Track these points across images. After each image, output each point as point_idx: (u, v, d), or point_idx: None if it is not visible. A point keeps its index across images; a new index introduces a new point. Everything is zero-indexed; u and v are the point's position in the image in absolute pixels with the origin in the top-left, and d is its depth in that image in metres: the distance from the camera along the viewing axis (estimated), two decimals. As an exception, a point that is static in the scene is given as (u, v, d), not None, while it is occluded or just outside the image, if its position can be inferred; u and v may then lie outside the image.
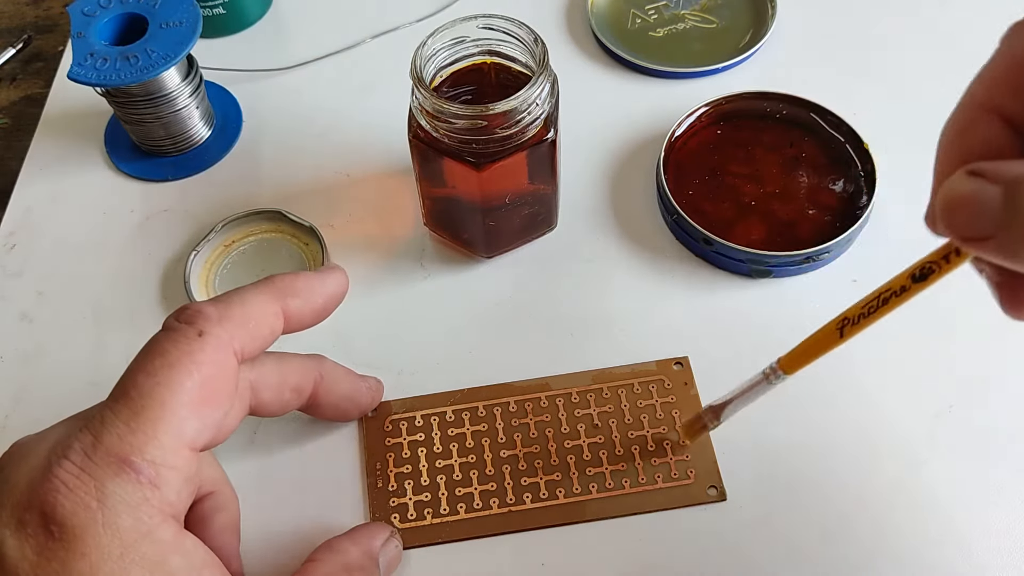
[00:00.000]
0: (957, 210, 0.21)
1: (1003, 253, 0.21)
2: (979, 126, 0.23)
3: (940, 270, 0.24)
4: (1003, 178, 0.20)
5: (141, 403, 0.26)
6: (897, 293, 0.25)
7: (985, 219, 0.21)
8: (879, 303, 0.25)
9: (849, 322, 0.26)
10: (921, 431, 0.37)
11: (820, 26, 0.51)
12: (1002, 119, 0.22)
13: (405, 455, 0.37)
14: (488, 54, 0.38)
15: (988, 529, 0.34)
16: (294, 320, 0.30)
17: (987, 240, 0.21)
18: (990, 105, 0.22)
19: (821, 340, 0.28)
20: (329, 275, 0.32)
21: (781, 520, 0.35)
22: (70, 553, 0.24)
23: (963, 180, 0.21)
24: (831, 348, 0.28)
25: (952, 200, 0.21)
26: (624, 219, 0.44)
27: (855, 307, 0.26)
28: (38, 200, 0.46)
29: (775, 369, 0.30)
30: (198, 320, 0.28)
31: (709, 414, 0.33)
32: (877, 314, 0.26)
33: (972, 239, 0.21)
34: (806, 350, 0.29)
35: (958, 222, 0.21)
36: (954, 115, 0.23)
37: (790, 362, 0.30)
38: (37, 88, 0.55)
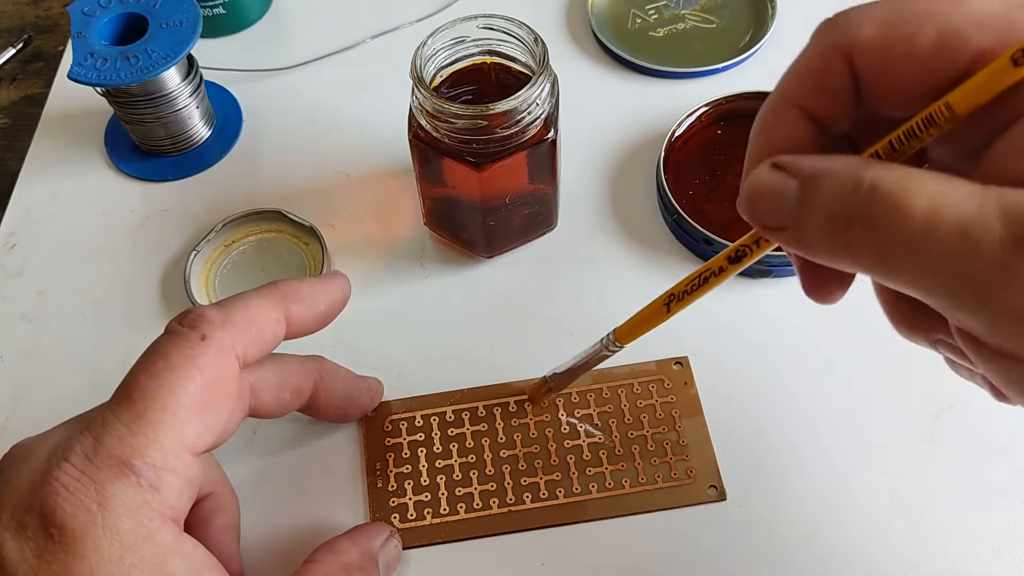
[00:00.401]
0: (759, 200, 0.22)
1: (796, 244, 0.22)
2: (785, 120, 0.23)
3: (752, 253, 0.25)
4: (800, 172, 0.21)
5: (143, 406, 0.26)
6: (716, 273, 0.27)
7: (782, 211, 0.21)
8: (700, 281, 0.27)
9: (675, 298, 0.29)
10: (921, 431, 0.37)
11: (820, 26, 0.51)
12: (806, 114, 0.23)
13: (405, 455, 0.37)
14: (488, 54, 0.38)
15: (988, 529, 0.34)
16: (296, 325, 0.31)
17: (783, 231, 0.22)
18: (796, 100, 0.23)
19: (650, 314, 0.30)
20: (332, 281, 0.32)
21: (781, 520, 0.35)
22: (70, 556, 0.24)
23: (766, 171, 0.22)
24: (660, 322, 0.30)
25: (755, 190, 0.22)
26: (624, 219, 0.44)
27: (680, 284, 0.28)
28: (38, 200, 0.46)
29: (611, 339, 0.32)
30: (201, 324, 0.28)
31: (552, 379, 0.36)
32: (699, 291, 0.28)
33: (770, 228, 0.22)
34: (638, 323, 0.31)
35: (759, 211, 0.22)
36: (764, 108, 0.24)
37: (624, 333, 0.32)
38: (37, 88, 0.55)
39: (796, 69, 0.23)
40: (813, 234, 0.21)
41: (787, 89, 0.24)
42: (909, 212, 0.19)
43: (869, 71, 0.22)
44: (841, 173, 0.20)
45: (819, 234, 0.21)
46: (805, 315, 0.40)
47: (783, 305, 0.40)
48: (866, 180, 0.20)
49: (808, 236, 0.21)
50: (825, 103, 0.23)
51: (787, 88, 0.24)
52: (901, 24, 0.21)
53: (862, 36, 0.21)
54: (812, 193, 0.21)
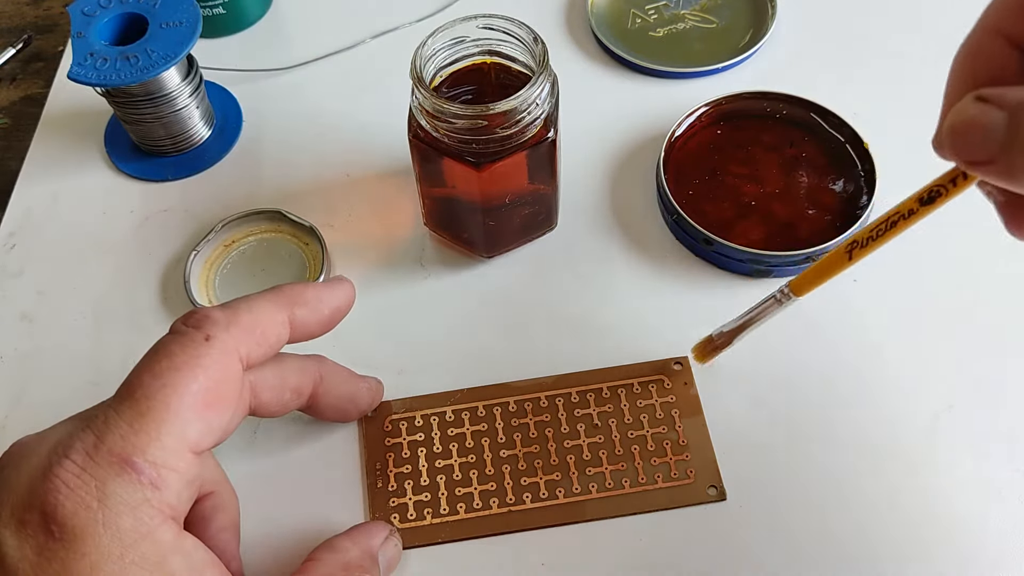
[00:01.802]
0: (963, 134, 0.21)
1: (1005, 176, 0.21)
2: (989, 50, 0.23)
3: (947, 193, 0.24)
4: (1007, 103, 0.21)
5: (146, 404, 0.26)
6: (905, 216, 0.25)
7: (989, 143, 0.21)
8: (887, 226, 0.26)
9: (858, 244, 0.27)
10: (921, 431, 0.37)
11: (820, 26, 0.51)
12: (1013, 44, 0.23)
13: (405, 455, 0.37)
14: (488, 54, 0.38)
15: (988, 529, 0.34)
16: (300, 329, 0.31)
17: (990, 163, 0.21)
18: (1000, 29, 0.23)
19: (831, 262, 0.28)
20: (337, 286, 0.32)
21: (781, 520, 0.35)
22: (70, 553, 0.24)
23: (970, 105, 0.21)
24: (840, 270, 0.28)
25: (958, 124, 0.22)
26: (624, 219, 0.44)
27: (864, 230, 0.27)
28: (38, 200, 0.46)
29: (785, 291, 0.31)
30: (205, 325, 0.28)
31: (721, 336, 0.34)
32: (885, 237, 0.26)
33: (976, 163, 0.21)
34: (816, 272, 0.29)
35: (963, 146, 0.22)
36: (967, 40, 0.23)
37: (800, 284, 0.30)
38: (37, 88, 0.55)
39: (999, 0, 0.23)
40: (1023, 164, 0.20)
41: (992, 18, 0.23)
42: None
43: None
44: None
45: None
46: (805, 315, 0.40)
47: (783, 305, 0.40)
48: None
49: (1018, 167, 0.21)
50: None
51: (992, 17, 0.23)
52: None
53: None
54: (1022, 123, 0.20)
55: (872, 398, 0.37)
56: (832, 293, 0.41)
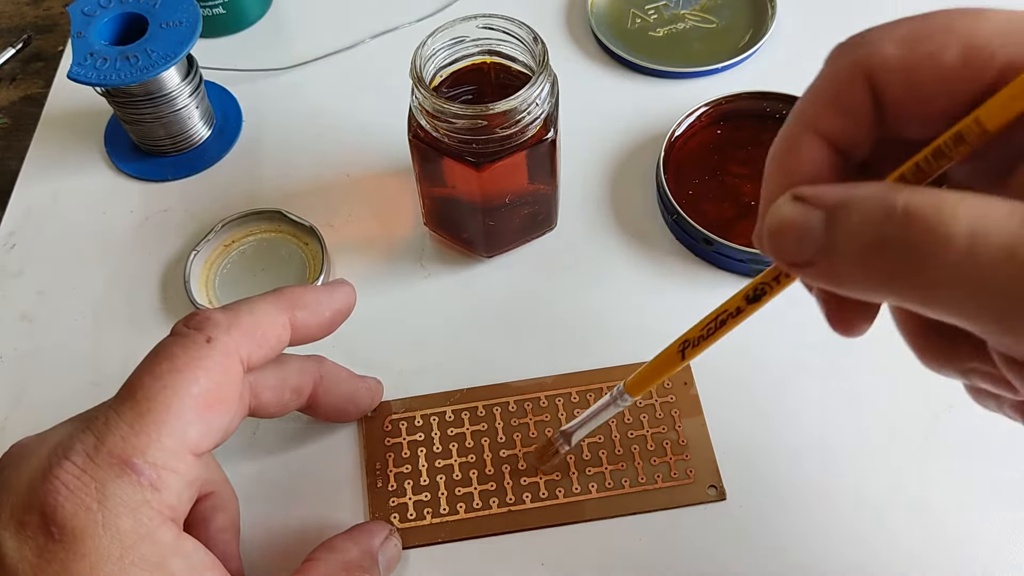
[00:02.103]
0: (781, 235, 0.21)
1: (825, 278, 0.21)
2: (804, 147, 0.22)
3: (771, 291, 0.24)
4: (824, 203, 0.20)
5: (146, 405, 0.26)
6: (733, 314, 0.25)
7: (807, 245, 0.20)
8: (716, 324, 0.26)
9: (689, 344, 0.27)
10: (921, 431, 0.37)
11: (820, 26, 0.51)
12: (826, 140, 0.22)
13: (405, 455, 0.37)
14: (488, 54, 0.38)
15: (988, 529, 0.34)
16: (301, 332, 0.31)
17: (810, 265, 0.20)
18: (814, 126, 0.22)
19: (663, 362, 0.28)
20: (338, 289, 0.32)
21: (781, 520, 0.35)
22: (70, 555, 0.24)
23: (787, 205, 0.21)
24: (673, 370, 0.28)
25: (776, 225, 0.21)
26: (624, 219, 0.44)
27: (694, 329, 0.26)
28: (38, 200, 0.46)
29: (621, 392, 0.31)
30: (207, 327, 0.28)
31: (560, 439, 0.34)
32: (716, 335, 0.26)
33: (796, 264, 0.21)
34: (649, 373, 0.29)
35: (782, 247, 0.21)
36: (781, 135, 0.23)
37: (634, 385, 0.30)
38: (37, 88, 0.55)
39: (813, 93, 0.23)
40: (845, 267, 0.20)
41: (804, 114, 0.23)
42: (948, 237, 0.18)
43: (892, 90, 0.21)
44: (870, 199, 0.19)
45: (851, 266, 0.20)
46: (805, 315, 0.40)
47: (783, 305, 0.40)
48: (898, 205, 0.19)
49: (839, 269, 0.20)
50: (845, 126, 0.22)
51: (804, 113, 0.23)
52: (924, 41, 0.20)
53: (885, 55, 0.21)
54: (840, 224, 0.20)
55: (872, 398, 0.37)
56: (832, 293, 0.41)
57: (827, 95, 0.22)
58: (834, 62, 0.22)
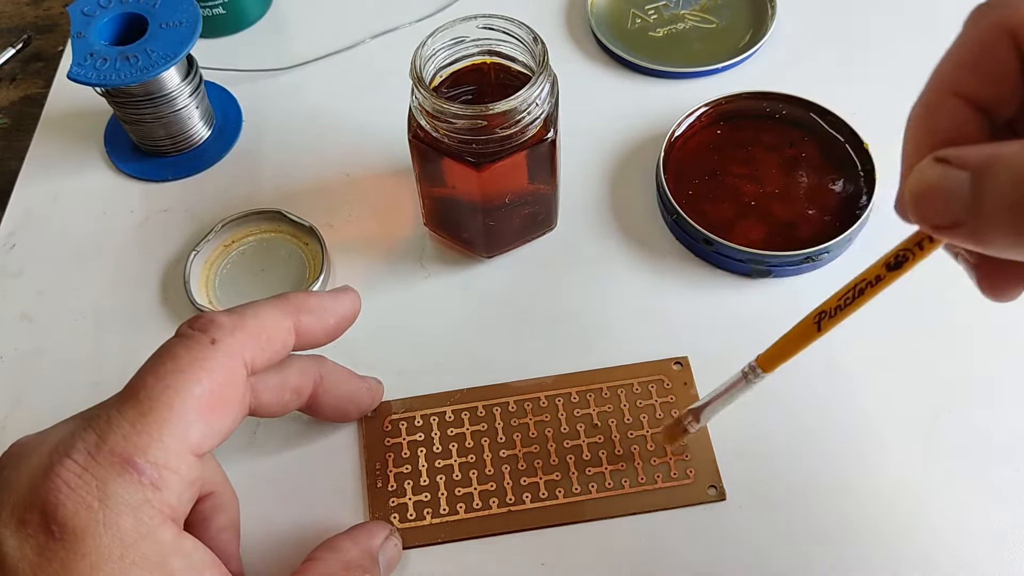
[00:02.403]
0: (926, 198, 0.21)
1: (974, 240, 0.20)
2: (946, 109, 0.22)
3: (914, 257, 0.23)
4: (969, 164, 0.20)
5: (149, 405, 0.26)
6: (872, 283, 0.24)
7: (954, 206, 0.20)
8: (855, 294, 0.25)
9: (826, 315, 0.26)
10: (921, 431, 0.37)
11: (820, 26, 0.51)
12: (968, 102, 0.22)
13: (405, 455, 0.37)
14: (488, 54, 0.38)
15: (988, 529, 0.34)
16: (305, 336, 0.31)
17: (957, 227, 0.20)
18: (956, 88, 0.22)
19: (799, 335, 0.27)
20: (343, 296, 0.33)
21: (781, 520, 0.35)
22: (70, 553, 0.24)
23: (931, 167, 0.21)
24: (809, 342, 0.27)
25: (920, 188, 0.21)
26: (624, 219, 0.44)
27: (831, 299, 0.26)
28: (38, 200, 0.46)
29: (754, 368, 0.29)
30: (211, 329, 0.28)
31: (689, 416, 0.33)
32: (854, 305, 0.25)
33: (942, 227, 0.21)
34: (784, 346, 0.28)
35: (928, 210, 0.21)
36: (921, 99, 0.23)
37: (769, 359, 0.29)
38: (37, 88, 0.55)
39: (954, 55, 0.22)
40: (994, 227, 0.20)
41: (945, 76, 0.22)
42: None
43: None
44: (1017, 157, 0.19)
45: (1002, 226, 0.19)
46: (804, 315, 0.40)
47: (783, 305, 0.40)
48: None
49: (988, 230, 0.20)
50: (990, 87, 0.22)
51: (945, 75, 0.22)
52: None
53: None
54: (987, 184, 0.19)
55: (872, 398, 0.37)
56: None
57: (970, 57, 0.22)
58: (975, 24, 0.22)
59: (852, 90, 0.47)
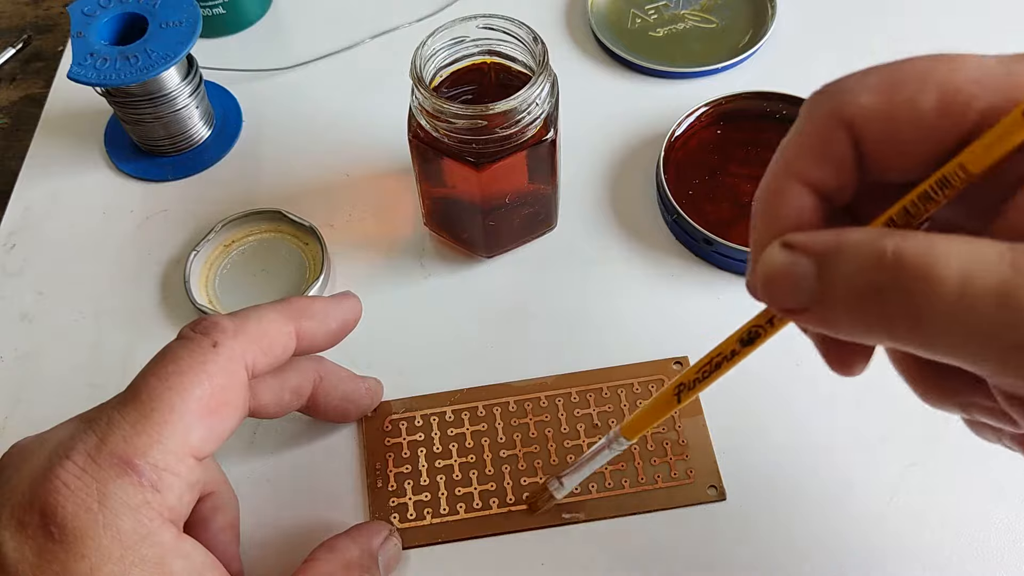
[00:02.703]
0: (774, 283, 0.21)
1: (821, 324, 0.21)
2: (789, 195, 0.22)
3: (766, 333, 0.24)
4: (814, 251, 0.20)
5: (150, 406, 0.26)
6: (728, 357, 0.25)
7: (801, 292, 0.21)
8: (712, 367, 0.26)
9: (685, 387, 0.27)
10: (921, 430, 0.37)
11: (820, 26, 0.51)
12: (809, 187, 0.22)
13: (405, 455, 0.37)
14: (488, 54, 0.38)
15: (988, 529, 0.34)
16: (307, 341, 0.31)
17: (805, 312, 0.21)
18: (798, 174, 0.22)
19: (659, 405, 0.28)
20: (344, 301, 0.33)
21: (781, 520, 0.35)
22: (70, 555, 0.24)
23: (778, 253, 0.21)
24: (669, 412, 0.28)
25: (769, 273, 0.21)
26: (624, 219, 0.44)
27: (689, 372, 0.27)
28: (38, 200, 0.46)
29: (617, 436, 0.30)
30: (214, 331, 0.28)
31: (555, 482, 0.33)
32: (711, 378, 0.26)
33: (791, 311, 0.21)
34: (645, 416, 0.29)
35: (776, 295, 0.21)
36: (765, 183, 0.23)
37: (630, 427, 0.30)
38: (37, 88, 0.55)
39: (794, 142, 0.23)
40: (839, 313, 0.20)
41: (787, 163, 0.23)
42: (940, 281, 0.18)
43: (872, 138, 0.21)
44: (860, 246, 0.19)
45: (846, 312, 0.20)
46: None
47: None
48: (888, 251, 0.19)
49: (833, 315, 0.20)
50: (828, 174, 0.22)
51: (787, 162, 0.23)
52: (900, 88, 0.21)
53: (861, 103, 0.21)
54: (831, 271, 0.20)
55: (872, 398, 0.37)
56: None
57: (808, 145, 0.22)
58: (812, 112, 0.22)
59: (852, 90, 0.47)
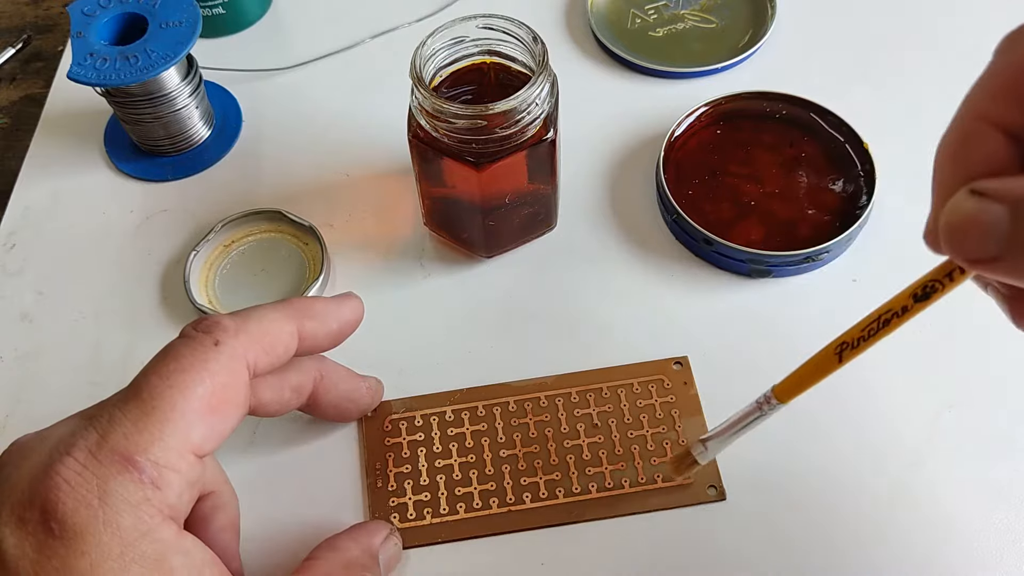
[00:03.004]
0: (962, 232, 0.20)
1: (1013, 274, 0.20)
2: (980, 139, 0.21)
3: (943, 288, 0.23)
4: (1009, 197, 0.19)
5: (151, 404, 0.26)
6: (899, 313, 0.24)
7: (992, 240, 0.20)
8: (879, 324, 0.24)
9: (848, 346, 0.25)
10: (921, 431, 0.37)
11: (820, 26, 0.51)
12: (1003, 132, 0.21)
13: (405, 455, 0.37)
14: (488, 54, 0.38)
15: (988, 529, 0.34)
16: (308, 341, 0.31)
17: (995, 262, 0.20)
18: (991, 117, 0.21)
19: (819, 365, 0.26)
20: (346, 302, 0.33)
21: (781, 520, 0.35)
22: (70, 551, 0.24)
23: (967, 200, 0.20)
24: (829, 373, 0.26)
25: (956, 222, 0.20)
26: (624, 219, 0.44)
27: (854, 329, 0.25)
28: (38, 200, 0.46)
29: (769, 398, 0.29)
30: (216, 330, 0.28)
31: (700, 447, 0.32)
32: (878, 336, 0.24)
33: (979, 261, 0.20)
34: (803, 376, 0.27)
35: (964, 245, 0.20)
36: (952, 128, 0.22)
37: (785, 390, 0.28)
38: (37, 88, 0.55)
39: (986, 84, 0.22)
40: None
41: (978, 105, 0.22)
42: None
43: None
44: None
45: None
46: (805, 315, 0.40)
47: (783, 305, 0.40)
48: None
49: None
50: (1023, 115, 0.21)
51: (977, 104, 0.22)
52: None
53: None
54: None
55: (872, 398, 0.37)
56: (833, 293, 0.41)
57: (1003, 85, 0.21)
58: (1007, 52, 0.21)
59: (852, 90, 0.47)
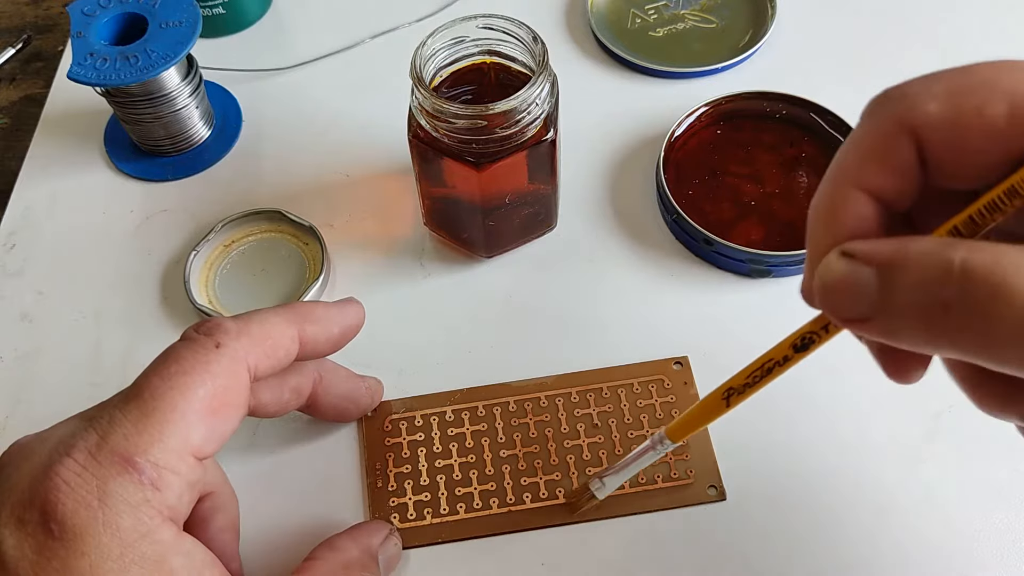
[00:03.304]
0: (834, 292, 0.21)
1: (882, 334, 0.21)
2: (849, 202, 0.22)
3: (820, 340, 0.24)
4: (875, 260, 0.20)
5: (152, 405, 0.26)
6: (780, 363, 0.25)
7: (862, 302, 0.20)
8: (763, 372, 0.25)
9: (734, 392, 0.26)
10: (921, 431, 0.37)
11: (820, 26, 0.51)
12: (869, 195, 0.22)
13: (405, 455, 0.37)
14: (488, 54, 0.38)
15: (988, 529, 0.34)
16: (309, 345, 0.31)
17: (866, 322, 0.21)
18: (859, 181, 0.22)
19: (707, 408, 0.28)
20: (347, 307, 0.33)
21: (781, 520, 0.35)
22: (70, 552, 0.24)
23: (838, 261, 0.21)
24: (717, 416, 0.28)
25: (830, 282, 0.21)
26: (624, 219, 0.44)
27: (739, 376, 0.26)
28: (38, 200, 0.46)
29: (662, 438, 0.30)
30: (217, 333, 0.28)
31: (596, 482, 0.33)
32: (762, 383, 0.26)
33: (851, 320, 0.21)
34: (692, 418, 0.29)
35: (836, 304, 0.21)
36: (823, 190, 0.23)
37: (676, 430, 0.29)
38: (37, 88, 0.55)
39: (854, 148, 0.22)
40: (903, 324, 0.20)
41: (847, 170, 0.22)
42: (1011, 295, 0.18)
43: (937, 146, 0.21)
44: (925, 257, 0.19)
45: (910, 323, 0.20)
46: (805, 315, 0.40)
47: (783, 305, 0.40)
48: (955, 263, 0.18)
49: (897, 326, 0.20)
50: (890, 181, 0.22)
51: (847, 169, 0.22)
52: (968, 96, 0.20)
53: (927, 111, 0.21)
54: (895, 282, 0.20)
55: (872, 398, 0.37)
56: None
57: (870, 151, 0.22)
58: (874, 117, 0.22)
59: (852, 90, 0.47)
